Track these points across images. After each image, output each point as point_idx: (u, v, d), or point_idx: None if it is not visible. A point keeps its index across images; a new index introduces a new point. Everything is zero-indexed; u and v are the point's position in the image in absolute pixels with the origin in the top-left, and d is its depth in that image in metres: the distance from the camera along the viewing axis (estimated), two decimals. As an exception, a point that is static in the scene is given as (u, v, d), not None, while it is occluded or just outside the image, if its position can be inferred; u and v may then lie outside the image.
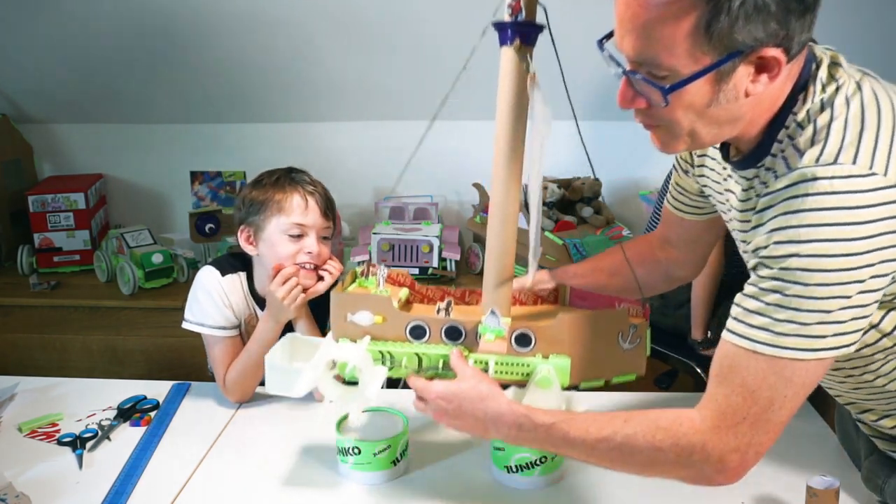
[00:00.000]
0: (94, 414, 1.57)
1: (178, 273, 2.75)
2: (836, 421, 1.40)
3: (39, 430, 1.52)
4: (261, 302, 1.62)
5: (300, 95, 2.87)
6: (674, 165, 1.32)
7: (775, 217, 0.91)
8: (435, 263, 2.62)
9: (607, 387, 1.23)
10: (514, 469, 1.29)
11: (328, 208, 1.59)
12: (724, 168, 1.12)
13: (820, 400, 1.63)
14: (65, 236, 2.84)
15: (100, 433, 1.49)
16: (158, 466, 1.38)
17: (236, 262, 1.66)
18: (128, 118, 3.04)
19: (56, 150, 3.15)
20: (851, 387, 1.12)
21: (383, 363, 1.20)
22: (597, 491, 1.29)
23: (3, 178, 2.93)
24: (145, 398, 1.63)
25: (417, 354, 1.19)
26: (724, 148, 1.09)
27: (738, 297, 0.96)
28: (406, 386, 1.22)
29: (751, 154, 1.01)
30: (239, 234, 1.62)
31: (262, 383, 1.65)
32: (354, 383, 1.20)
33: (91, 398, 1.63)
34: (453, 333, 1.19)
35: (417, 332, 1.20)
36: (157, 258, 2.66)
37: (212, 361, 1.63)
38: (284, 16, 2.61)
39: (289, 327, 1.60)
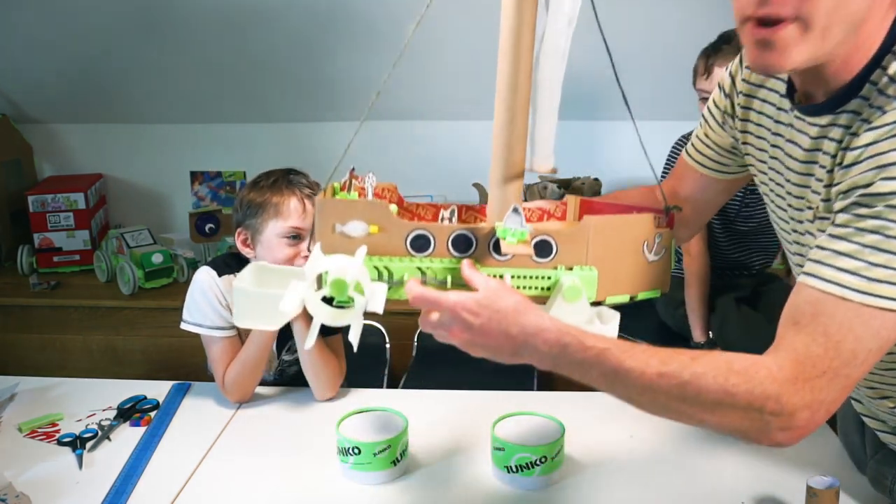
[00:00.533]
0: (94, 414, 1.57)
1: (178, 273, 2.75)
2: (838, 420, 1.40)
3: (39, 430, 1.52)
4: None
5: (300, 95, 2.87)
6: (704, 116, 1.26)
7: (888, 152, 0.86)
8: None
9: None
10: (514, 469, 1.29)
11: None
12: (786, 115, 1.05)
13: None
14: (65, 236, 2.85)
15: (100, 433, 1.49)
16: (158, 466, 1.38)
17: (234, 262, 1.65)
18: (128, 118, 3.04)
19: (56, 150, 3.15)
20: (883, 367, 1.08)
21: (391, 283, 1.00)
22: (597, 491, 1.29)
23: (3, 178, 2.93)
24: (145, 398, 1.63)
25: (420, 269, 1.00)
26: (790, 95, 1.04)
27: (823, 240, 0.90)
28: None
29: (832, 98, 0.96)
30: (236, 236, 1.62)
31: (262, 383, 1.66)
32: (343, 307, 1.00)
33: (91, 398, 1.63)
34: (462, 244, 1.01)
35: (420, 244, 1.01)
36: (157, 258, 2.66)
37: (210, 361, 1.63)
38: (284, 16, 2.62)
39: (286, 326, 1.60)
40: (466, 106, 2.71)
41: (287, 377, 1.72)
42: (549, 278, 1.02)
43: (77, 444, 1.45)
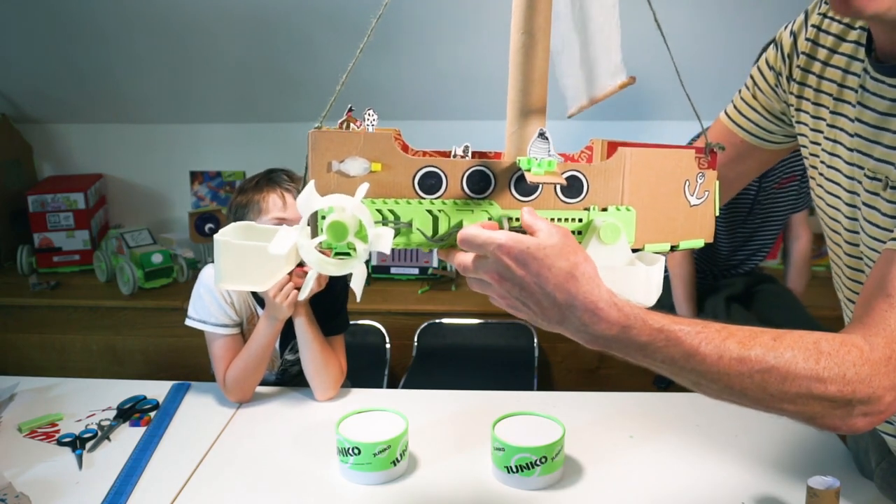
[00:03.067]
0: (93, 414, 1.57)
1: (178, 273, 2.75)
2: None
3: (39, 430, 1.52)
4: (261, 302, 1.62)
5: (300, 95, 2.87)
6: (752, 77, 1.17)
7: None
8: (435, 264, 2.62)
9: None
10: (514, 469, 1.29)
11: None
12: (854, 78, 0.97)
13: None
14: (64, 236, 2.85)
15: (99, 433, 1.49)
16: (158, 466, 1.38)
17: None
18: (128, 118, 3.04)
19: (56, 150, 3.15)
20: None
21: (395, 225, 0.87)
22: (597, 491, 1.29)
23: (3, 178, 2.93)
24: (145, 398, 1.63)
25: (431, 212, 0.87)
26: (868, 55, 0.96)
27: None
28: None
29: None
30: None
31: (264, 383, 1.67)
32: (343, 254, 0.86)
33: (91, 398, 1.63)
34: (479, 181, 0.86)
35: (430, 183, 0.87)
36: (156, 258, 2.66)
37: (213, 359, 1.63)
38: (284, 16, 2.62)
39: (289, 326, 1.60)
40: (466, 106, 2.71)
41: (289, 377, 1.72)
42: (580, 220, 0.87)
43: (77, 444, 1.45)
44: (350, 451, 1.30)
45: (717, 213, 0.95)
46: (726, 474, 1.32)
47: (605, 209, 0.88)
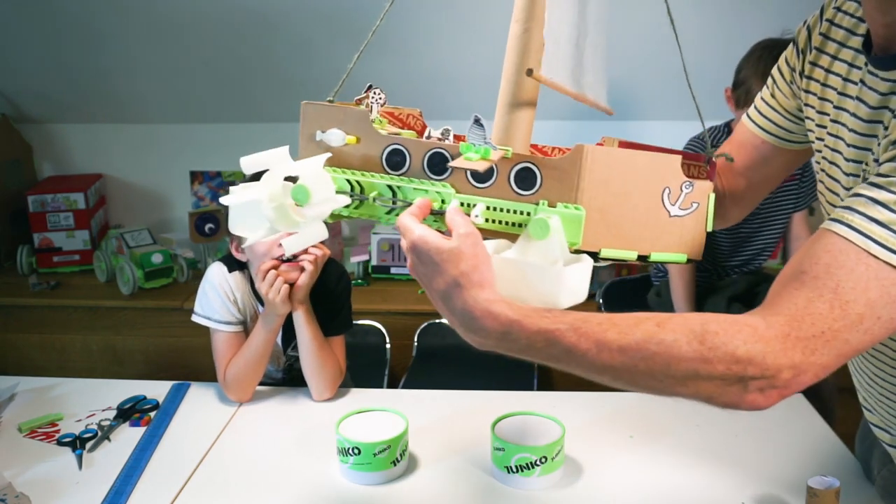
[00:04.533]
0: (93, 414, 1.57)
1: (178, 273, 2.75)
2: (860, 427, 1.33)
3: (39, 430, 1.52)
4: (262, 301, 1.62)
5: (300, 95, 2.85)
6: (772, 75, 1.14)
7: None
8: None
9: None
10: (514, 469, 1.29)
11: None
12: (857, 72, 0.96)
13: (822, 400, 1.63)
14: (64, 236, 2.85)
15: (99, 433, 1.49)
16: (158, 466, 1.38)
17: (239, 261, 1.67)
18: (128, 118, 3.04)
19: (56, 150, 3.15)
20: None
21: (351, 196, 0.92)
22: (597, 491, 1.29)
23: (3, 178, 2.93)
24: (145, 398, 1.63)
25: (391, 187, 0.90)
26: (866, 48, 0.94)
27: (861, 187, 0.79)
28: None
29: None
30: (230, 244, 1.68)
31: (271, 381, 1.67)
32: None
33: (91, 398, 1.63)
34: (438, 163, 0.89)
35: (396, 160, 0.91)
36: (156, 258, 2.66)
37: (215, 355, 1.64)
38: (284, 16, 2.62)
39: (289, 323, 1.61)
40: (466, 105, 2.71)
41: (296, 372, 1.72)
42: (526, 214, 0.85)
43: (77, 444, 1.45)
44: (350, 451, 1.30)
45: (709, 229, 0.89)
46: (726, 474, 1.32)
47: (555, 205, 0.84)
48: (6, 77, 2.91)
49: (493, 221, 0.87)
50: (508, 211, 0.86)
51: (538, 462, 1.28)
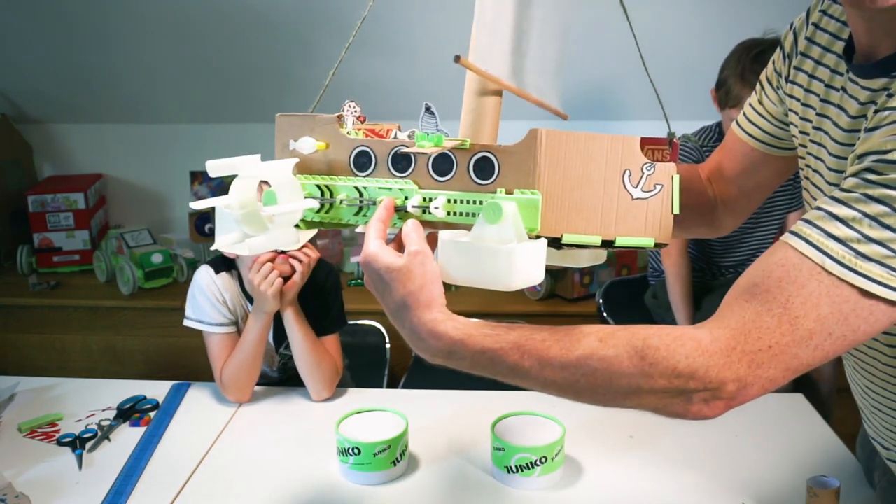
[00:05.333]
0: (93, 414, 1.57)
1: (178, 273, 2.75)
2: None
3: (39, 430, 1.52)
4: (252, 301, 1.62)
5: (300, 96, 2.86)
6: (760, 82, 1.12)
7: None
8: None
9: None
10: (514, 469, 1.29)
11: None
12: (840, 79, 0.93)
13: (820, 401, 1.63)
14: (64, 236, 2.85)
15: (99, 433, 1.49)
16: (158, 466, 1.38)
17: (229, 261, 1.68)
18: (128, 118, 3.04)
19: (56, 150, 3.15)
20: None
21: (324, 200, 0.94)
22: (597, 491, 1.29)
23: (3, 178, 2.93)
24: (145, 398, 1.63)
25: (357, 188, 0.92)
26: (848, 54, 0.92)
27: (823, 201, 0.78)
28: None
29: (893, 55, 0.84)
30: None
31: (267, 380, 1.67)
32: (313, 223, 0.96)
33: (91, 398, 1.63)
34: (402, 162, 0.91)
35: (362, 162, 0.93)
36: (156, 258, 2.66)
37: (210, 358, 1.65)
38: (284, 16, 2.62)
39: (278, 323, 1.61)
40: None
41: (291, 370, 1.72)
42: (482, 203, 0.84)
43: (77, 444, 1.45)
44: (350, 451, 1.30)
45: (677, 212, 0.87)
46: (726, 474, 1.32)
47: (512, 192, 0.84)
48: (7, 77, 2.91)
49: (455, 214, 0.87)
50: (468, 202, 0.86)
51: (538, 462, 1.28)
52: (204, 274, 1.67)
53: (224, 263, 1.67)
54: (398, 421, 1.38)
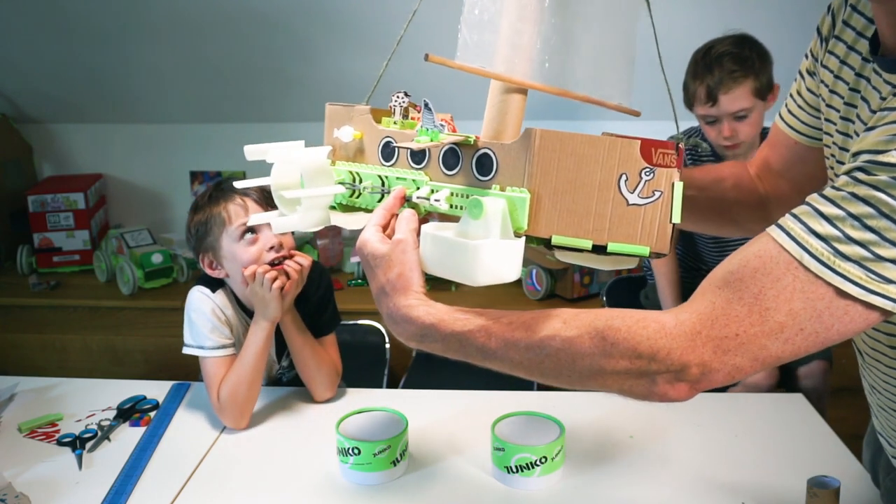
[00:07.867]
0: (93, 414, 1.57)
1: (178, 273, 2.75)
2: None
3: (39, 430, 1.52)
4: (250, 314, 1.57)
5: (300, 96, 2.87)
6: (799, 70, 1.07)
7: None
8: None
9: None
10: (514, 469, 1.29)
11: (269, 199, 1.54)
12: (868, 67, 0.90)
13: (813, 401, 1.63)
14: (64, 236, 2.85)
15: (99, 433, 1.49)
16: (158, 466, 1.38)
17: (219, 280, 1.61)
18: (128, 118, 3.04)
19: (56, 150, 3.15)
20: None
21: (353, 186, 1.00)
22: (597, 491, 1.29)
23: (3, 178, 2.93)
24: (145, 398, 1.63)
25: (381, 177, 0.97)
26: (874, 45, 0.89)
27: (812, 197, 0.76)
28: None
29: None
30: (201, 263, 1.59)
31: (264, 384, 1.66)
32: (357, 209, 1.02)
33: (91, 398, 1.63)
34: (418, 155, 0.95)
35: (388, 152, 0.98)
36: (156, 258, 2.66)
37: (206, 379, 1.56)
38: (284, 16, 2.62)
39: (278, 336, 1.58)
40: (465, 106, 2.71)
41: (286, 382, 1.71)
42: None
43: (77, 444, 1.45)
44: (350, 451, 1.30)
45: (677, 221, 0.83)
46: (726, 474, 1.32)
47: (505, 190, 0.84)
48: (6, 77, 2.91)
49: (456, 207, 0.89)
50: (465, 196, 0.88)
51: (538, 462, 1.28)
52: (199, 295, 1.58)
53: (216, 281, 1.60)
54: (398, 421, 1.38)
